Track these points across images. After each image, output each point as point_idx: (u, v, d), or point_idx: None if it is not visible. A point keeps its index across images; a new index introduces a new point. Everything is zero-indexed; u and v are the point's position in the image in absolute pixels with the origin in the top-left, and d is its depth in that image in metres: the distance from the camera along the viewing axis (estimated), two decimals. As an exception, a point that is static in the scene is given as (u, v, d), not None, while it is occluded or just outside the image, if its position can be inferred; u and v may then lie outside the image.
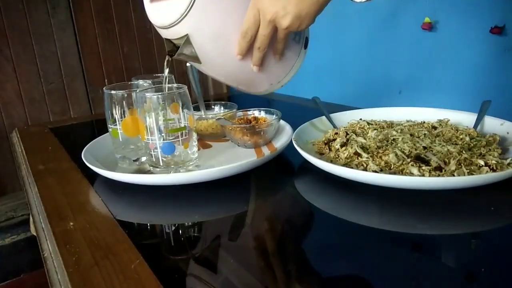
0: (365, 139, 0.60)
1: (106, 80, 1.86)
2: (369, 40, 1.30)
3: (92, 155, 0.65)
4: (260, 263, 0.41)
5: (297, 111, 1.09)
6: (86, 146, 0.67)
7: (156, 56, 1.96)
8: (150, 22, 0.56)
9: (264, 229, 0.48)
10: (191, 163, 0.61)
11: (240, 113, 0.76)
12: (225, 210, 0.53)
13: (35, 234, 0.86)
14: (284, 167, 0.65)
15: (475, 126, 0.64)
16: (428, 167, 0.50)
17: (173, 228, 0.49)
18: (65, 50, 1.76)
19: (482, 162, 0.51)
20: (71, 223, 0.49)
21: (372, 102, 0.94)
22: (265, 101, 0.89)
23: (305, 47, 0.59)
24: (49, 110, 1.78)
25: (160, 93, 0.56)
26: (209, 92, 2.03)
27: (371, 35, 1.29)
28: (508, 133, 0.60)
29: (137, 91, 0.57)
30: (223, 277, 0.39)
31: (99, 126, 0.69)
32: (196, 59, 0.56)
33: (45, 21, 1.69)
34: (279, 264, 0.40)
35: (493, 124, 0.63)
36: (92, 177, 0.63)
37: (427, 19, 1.13)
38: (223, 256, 0.42)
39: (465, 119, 0.67)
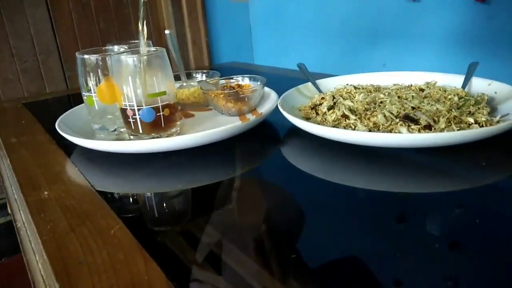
0: (352, 102, 0.58)
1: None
2: (353, 13, 1.28)
3: (67, 126, 0.62)
4: (247, 230, 0.39)
5: (282, 80, 1.06)
6: (60, 117, 0.63)
7: (134, 32, 1.89)
8: None
9: (250, 195, 0.46)
10: (172, 131, 0.58)
11: (222, 81, 0.73)
12: (210, 177, 0.50)
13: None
14: (269, 134, 0.63)
15: (463, 87, 0.62)
16: (417, 126, 0.49)
17: (156, 197, 0.47)
18: (39, 26, 1.68)
19: (471, 120, 0.50)
20: (46, 193, 0.46)
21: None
22: (247, 72, 0.86)
23: None
24: (24, 90, 1.70)
25: (136, 55, 0.53)
26: (190, 65, 1.98)
27: (354, 7, 1.27)
28: (496, 92, 0.59)
29: (112, 54, 0.54)
30: (207, 244, 0.37)
31: (76, 100, 0.66)
32: None
33: (15, -4, 1.61)
34: (266, 231, 0.38)
35: (480, 85, 0.62)
36: (69, 148, 0.60)
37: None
38: (207, 224, 0.40)
39: (452, 81, 0.65)
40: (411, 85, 0.66)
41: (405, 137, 0.46)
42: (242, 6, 1.75)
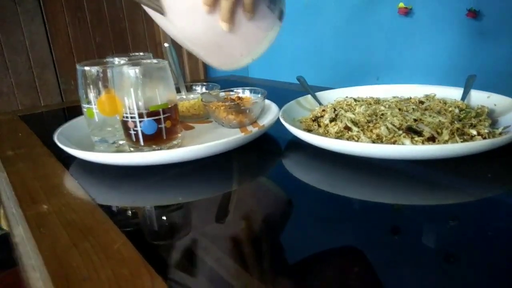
0: (354, 114, 0.58)
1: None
2: (346, 28, 1.29)
3: (66, 138, 0.61)
4: (249, 243, 0.38)
5: (280, 92, 1.07)
6: (59, 129, 0.62)
7: (131, 46, 1.90)
8: (124, 11, 0.52)
9: (252, 208, 0.45)
10: (173, 143, 0.58)
11: (222, 94, 0.73)
12: (211, 190, 0.50)
13: (7, 229, 0.81)
14: (270, 146, 0.62)
15: (462, 99, 0.63)
16: (421, 138, 0.49)
17: (157, 210, 0.46)
18: (34, 39, 1.68)
19: (474, 132, 0.50)
20: (45, 206, 0.45)
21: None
22: (244, 84, 0.86)
23: (280, 19, 0.56)
24: (18, 103, 1.69)
25: (138, 67, 0.53)
26: (186, 78, 1.97)
27: (347, 22, 1.28)
28: (495, 105, 0.59)
29: (114, 66, 0.54)
30: (211, 259, 0.36)
31: (71, 113, 0.65)
32: (159, 7, 0.50)
33: (11, 9, 1.60)
34: (267, 242, 0.38)
35: (479, 98, 0.63)
36: (67, 161, 0.59)
37: (401, 4, 1.13)
38: (210, 237, 0.39)
39: (450, 93, 0.66)
40: (411, 98, 0.66)
41: (410, 149, 0.46)
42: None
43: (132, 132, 0.55)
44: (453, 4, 1.00)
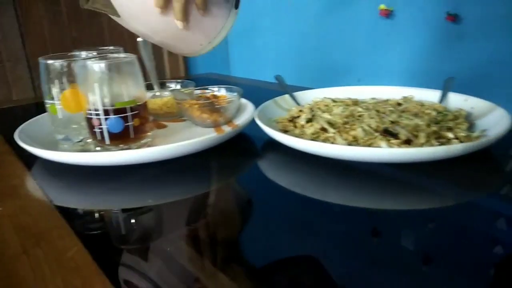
0: (331, 115, 0.57)
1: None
2: (328, 28, 1.28)
3: (28, 136, 0.57)
4: (218, 247, 0.36)
5: (258, 92, 1.05)
6: (21, 126, 0.59)
7: (109, 42, 1.85)
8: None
9: (225, 211, 0.43)
10: (142, 142, 0.55)
11: (198, 91, 0.71)
12: (183, 192, 0.47)
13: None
14: (246, 147, 0.60)
15: (440, 102, 0.62)
16: (397, 140, 0.48)
17: (122, 213, 0.43)
18: (6, 32, 1.61)
19: (451, 135, 0.49)
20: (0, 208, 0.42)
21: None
22: (223, 83, 0.84)
23: (236, 7, 0.55)
24: (-12, 98, 1.62)
25: (104, 61, 0.50)
26: (166, 75, 1.93)
27: (329, 22, 1.27)
28: (472, 108, 0.59)
29: (78, 60, 0.51)
30: (179, 267, 0.34)
31: (40, 111, 0.61)
32: (113, 11, 0.50)
33: (-19, 0, 1.54)
34: (240, 247, 0.36)
35: (457, 100, 0.62)
36: (30, 160, 0.55)
37: (382, 6, 1.13)
38: (177, 241, 0.37)
39: (428, 96, 0.65)
40: (388, 100, 0.65)
41: (386, 152, 0.44)
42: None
43: (97, 130, 0.52)
44: (433, 7, 1.00)
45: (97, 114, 0.51)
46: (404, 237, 0.35)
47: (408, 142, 0.47)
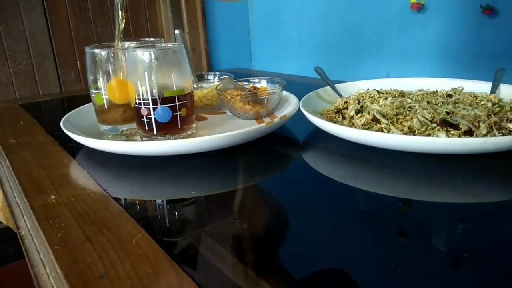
0: (380, 106, 0.55)
1: (78, 62, 1.75)
2: (356, 21, 1.26)
3: (72, 125, 0.57)
4: (272, 238, 0.35)
5: (291, 85, 1.03)
6: (65, 116, 0.59)
7: (132, 37, 1.85)
8: (126, 2, 0.49)
9: (273, 203, 0.42)
10: (188, 133, 0.54)
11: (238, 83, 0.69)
12: (227, 184, 0.46)
13: (4, 222, 0.77)
14: (288, 140, 0.59)
15: (492, 93, 0.60)
16: (457, 131, 0.46)
17: (172, 203, 0.42)
18: (34, 29, 1.63)
19: (512, 126, 0.47)
20: (53, 197, 0.41)
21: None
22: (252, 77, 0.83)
23: None
24: (16, 94, 1.64)
25: (153, 50, 0.49)
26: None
27: (357, 16, 1.25)
28: (528, 99, 0.56)
29: (127, 48, 0.50)
30: (234, 254, 0.33)
31: (70, 104, 0.61)
32: None
33: (11, -3, 1.56)
34: (291, 241, 0.34)
35: (510, 92, 0.59)
36: (73, 150, 0.55)
37: (413, 0, 1.10)
38: (232, 232, 0.36)
39: (479, 87, 0.63)
40: (437, 91, 0.63)
41: (449, 142, 0.42)
42: (241, 14, 1.73)
43: (145, 120, 0.51)
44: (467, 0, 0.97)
45: (146, 104, 0.50)
46: (476, 231, 0.34)
47: (469, 133, 0.45)
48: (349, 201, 0.41)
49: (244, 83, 0.70)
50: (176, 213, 0.40)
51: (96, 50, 0.53)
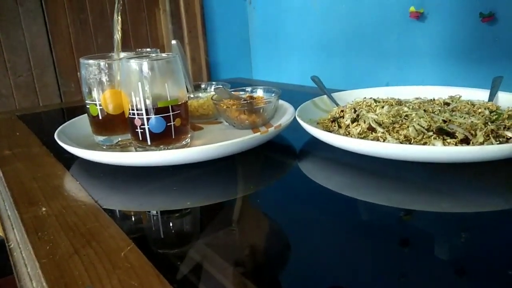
0: (376, 115, 0.55)
1: (78, 73, 1.75)
2: (355, 30, 1.26)
3: (67, 137, 0.57)
4: (267, 250, 0.34)
5: (290, 94, 1.03)
6: (60, 127, 0.58)
7: (133, 48, 1.86)
8: (127, 13, 0.50)
9: (269, 213, 0.41)
10: (182, 143, 0.54)
11: (233, 93, 0.69)
12: (223, 194, 0.45)
13: (0, 234, 0.76)
14: (284, 150, 0.58)
15: (490, 101, 0.59)
16: (454, 140, 0.45)
17: (165, 214, 0.42)
18: (35, 40, 1.64)
19: (510, 134, 0.46)
20: (44, 209, 0.41)
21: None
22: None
23: None
24: (17, 105, 1.65)
25: (146, 60, 0.49)
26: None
27: (356, 24, 1.25)
28: (526, 107, 0.56)
29: (121, 58, 0.50)
30: (226, 266, 0.32)
31: (70, 114, 0.61)
32: None
33: (12, 9, 1.57)
34: (286, 252, 0.34)
35: (508, 99, 0.59)
36: (68, 162, 0.55)
37: (412, 8, 1.10)
38: (225, 244, 0.35)
39: (476, 95, 0.62)
40: (434, 99, 0.63)
41: (445, 150, 0.42)
42: (241, 24, 1.74)
43: (138, 130, 0.51)
44: (466, 7, 0.97)
45: (139, 114, 0.50)
46: (475, 241, 0.33)
47: (465, 142, 0.45)
48: (346, 211, 0.40)
49: (241, 92, 0.70)
50: (168, 225, 0.40)
51: (90, 61, 0.53)
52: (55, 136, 0.54)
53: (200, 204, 0.43)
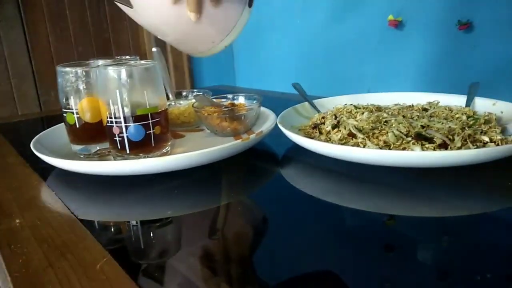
0: (356, 121, 0.55)
1: (59, 82, 1.72)
2: (336, 38, 1.28)
3: (44, 147, 0.55)
4: (246, 261, 0.34)
5: (272, 101, 1.03)
6: (36, 136, 0.57)
7: (113, 55, 1.84)
8: (108, 21, 0.49)
9: (251, 222, 0.41)
10: (162, 151, 0.53)
11: (214, 101, 0.69)
12: (205, 203, 0.45)
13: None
14: (266, 157, 0.58)
15: (467, 107, 0.60)
16: (432, 145, 0.46)
17: (144, 224, 0.41)
18: (13, 49, 1.61)
19: (486, 139, 0.47)
20: (18, 221, 0.40)
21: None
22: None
23: (250, 5, 0.53)
24: (-6, 115, 1.61)
25: (124, 67, 0.48)
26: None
27: (337, 33, 1.27)
28: (502, 112, 0.57)
29: (98, 66, 0.49)
30: (205, 276, 0.31)
31: (49, 123, 0.59)
32: (126, 2, 0.48)
33: (-11, 17, 1.54)
34: (268, 260, 0.33)
35: (485, 105, 0.60)
36: (44, 172, 0.53)
37: (390, 17, 1.12)
38: (204, 253, 0.35)
39: (452, 101, 0.63)
40: (413, 105, 0.64)
41: (423, 155, 0.42)
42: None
43: (117, 138, 0.50)
44: (444, 16, 0.99)
45: (118, 122, 0.49)
46: (433, 250, 0.33)
47: (443, 146, 0.45)
48: (328, 217, 0.40)
49: (222, 99, 0.69)
50: (148, 235, 0.39)
51: (67, 69, 0.52)
52: (31, 146, 0.53)
53: (181, 213, 0.43)
